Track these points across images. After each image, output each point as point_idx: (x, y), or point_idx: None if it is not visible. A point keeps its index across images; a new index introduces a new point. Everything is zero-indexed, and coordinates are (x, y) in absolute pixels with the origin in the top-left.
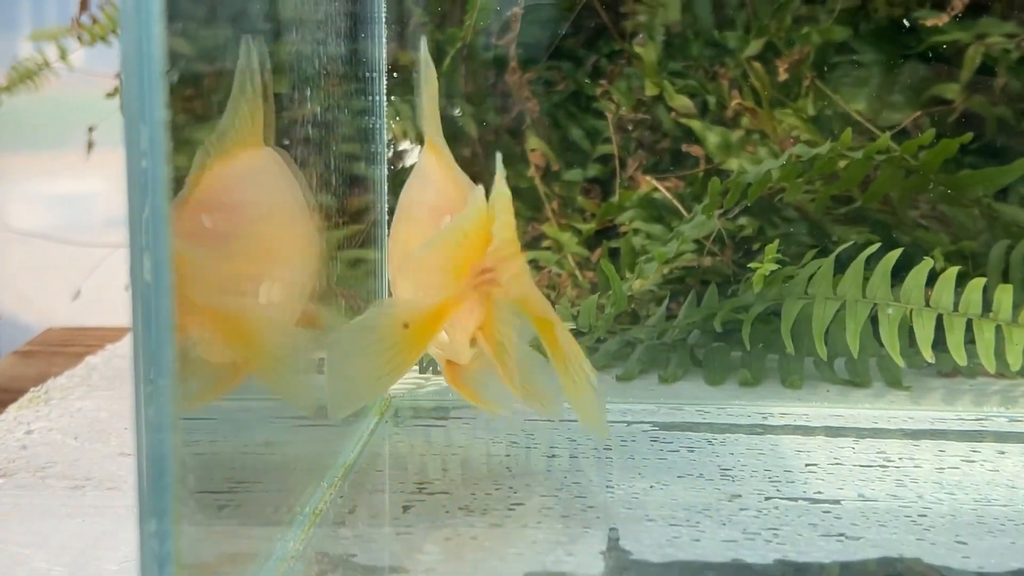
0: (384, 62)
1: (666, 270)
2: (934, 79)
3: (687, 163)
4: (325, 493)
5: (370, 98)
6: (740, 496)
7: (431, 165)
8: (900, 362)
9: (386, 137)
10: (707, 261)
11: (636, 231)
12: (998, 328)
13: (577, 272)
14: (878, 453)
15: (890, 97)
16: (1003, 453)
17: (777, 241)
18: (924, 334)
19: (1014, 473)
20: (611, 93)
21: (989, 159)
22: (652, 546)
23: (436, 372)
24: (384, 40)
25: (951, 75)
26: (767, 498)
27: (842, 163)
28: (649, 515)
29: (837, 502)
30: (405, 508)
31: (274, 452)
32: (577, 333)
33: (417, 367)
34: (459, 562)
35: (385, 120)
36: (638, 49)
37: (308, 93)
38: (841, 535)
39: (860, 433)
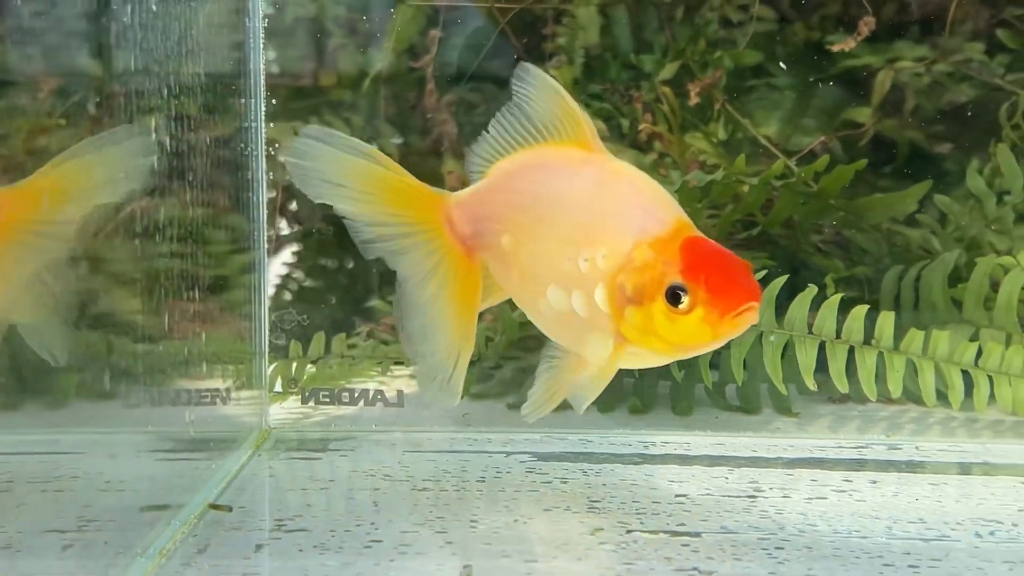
0: (262, 86)
1: None
2: (846, 103)
3: None
4: (177, 532)
5: (246, 123)
6: (602, 529)
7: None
8: (783, 389)
9: (264, 164)
10: None
11: None
12: (880, 355)
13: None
14: (750, 483)
15: (802, 121)
16: (875, 483)
17: None
18: (806, 361)
19: (880, 504)
20: None
21: (902, 182)
22: None
23: (319, 402)
24: (261, 63)
25: (863, 99)
26: (628, 531)
27: (745, 188)
28: (506, 551)
29: (698, 535)
30: (258, 547)
31: (125, 488)
32: None
33: (299, 397)
34: None
35: (263, 146)
36: (554, 72)
37: (162, 119)
38: (695, 569)
39: (738, 462)
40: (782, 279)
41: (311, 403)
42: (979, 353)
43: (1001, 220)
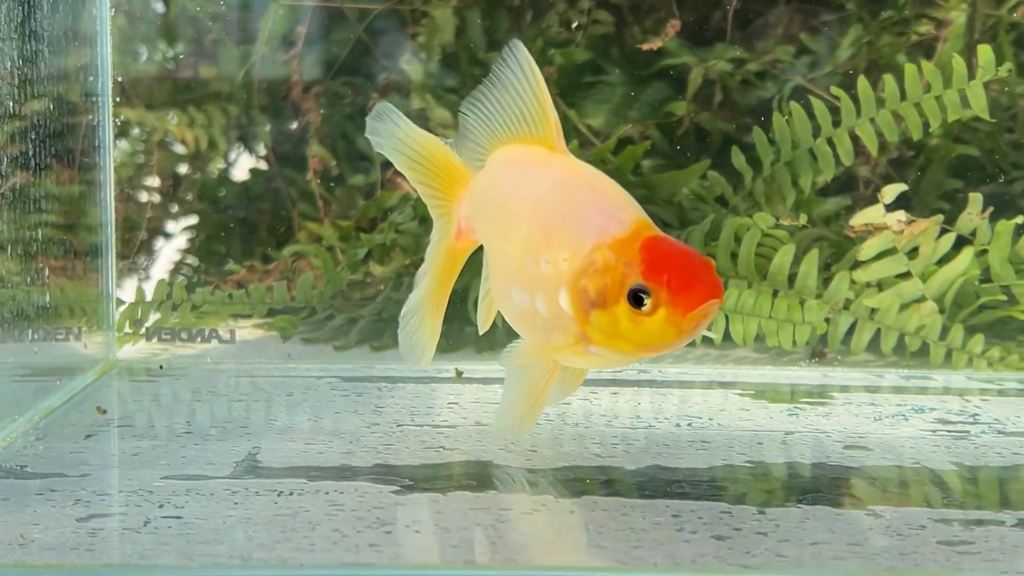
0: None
1: (407, 260)
2: (669, 97)
3: None
4: (20, 426)
5: (91, 116)
6: (377, 424)
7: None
8: None
9: (111, 156)
10: None
11: (394, 227)
12: None
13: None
14: None
15: (627, 113)
16: (615, 393)
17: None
18: None
19: (608, 407)
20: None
21: (715, 167)
22: (282, 457)
23: (161, 340)
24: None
25: (681, 93)
26: (399, 425)
27: None
28: (292, 437)
29: (455, 427)
30: (87, 436)
31: None
32: (295, 309)
33: (144, 336)
34: (114, 469)
35: (110, 138)
36: (406, 66)
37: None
38: (441, 447)
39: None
40: None
41: (154, 340)
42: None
43: (753, 191)
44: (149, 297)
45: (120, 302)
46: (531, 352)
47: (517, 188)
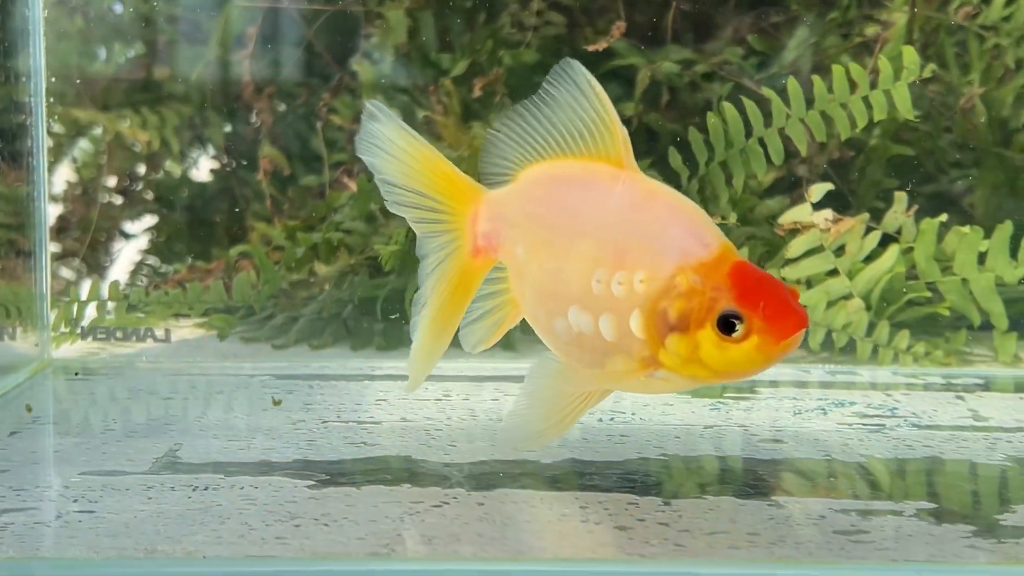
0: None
1: (353, 260)
2: (618, 98)
3: None
4: None
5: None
6: (303, 421)
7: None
8: None
9: (44, 157)
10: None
11: (340, 227)
12: None
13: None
14: (444, 393)
15: None
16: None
17: (403, 229)
18: None
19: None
20: (334, 107)
21: (663, 169)
22: (202, 454)
23: (96, 339)
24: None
25: (628, 94)
26: (324, 422)
27: None
28: (216, 435)
29: (379, 423)
30: (12, 433)
31: None
32: (233, 308)
33: (80, 335)
34: (35, 466)
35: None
36: (356, 67)
37: None
38: (363, 443)
39: (440, 380)
40: None
41: (90, 339)
42: None
43: (689, 190)
44: (84, 296)
45: (56, 302)
46: (588, 378)
47: (579, 205)
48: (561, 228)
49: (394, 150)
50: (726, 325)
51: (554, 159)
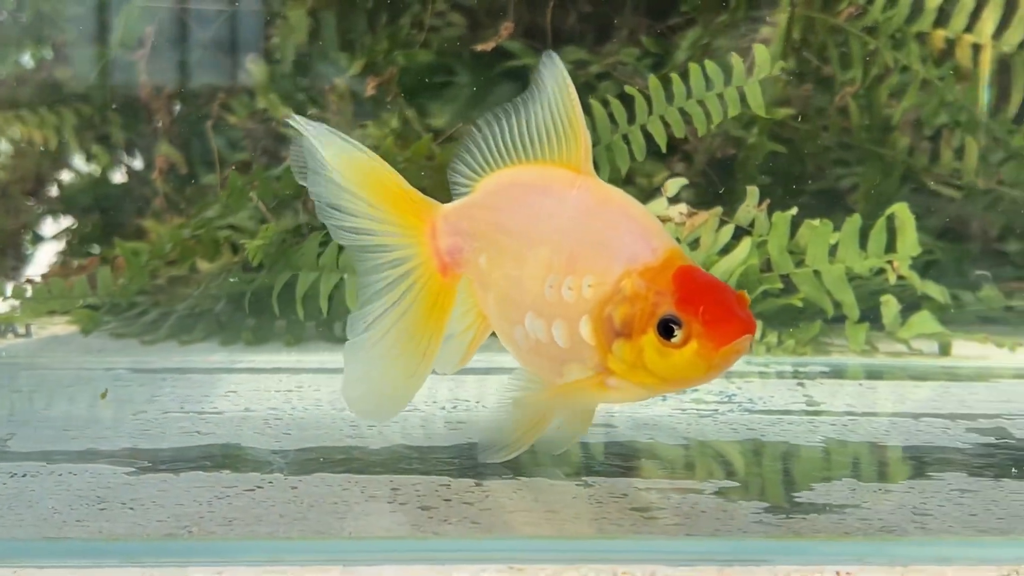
0: None
1: (237, 257)
2: (512, 97)
3: None
4: None
5: None
6: (145, 412)
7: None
8: None
9: None
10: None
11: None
12: None
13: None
14: (296, 385)
15: (471, 112)
16: None
17: (272, 224)
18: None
19: None
20: (229, 105)
21: None
22: (32, 443)
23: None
24: None
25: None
26: (165, 413)
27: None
28: (52, 426)
29: (221, 413)
30: None
31: None
32: (100, 304)
33: None
34: None
35: None
36: (251, 67)
37: None
38: (197, 431)
39: (296, 372)
40: None
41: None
42: None
43: None
44: None
45: None
46: (545, 394)
47: (537, 211)
48: (520, 234)
49: (331, 168)
50: (666, 330)
51: (512, 166)
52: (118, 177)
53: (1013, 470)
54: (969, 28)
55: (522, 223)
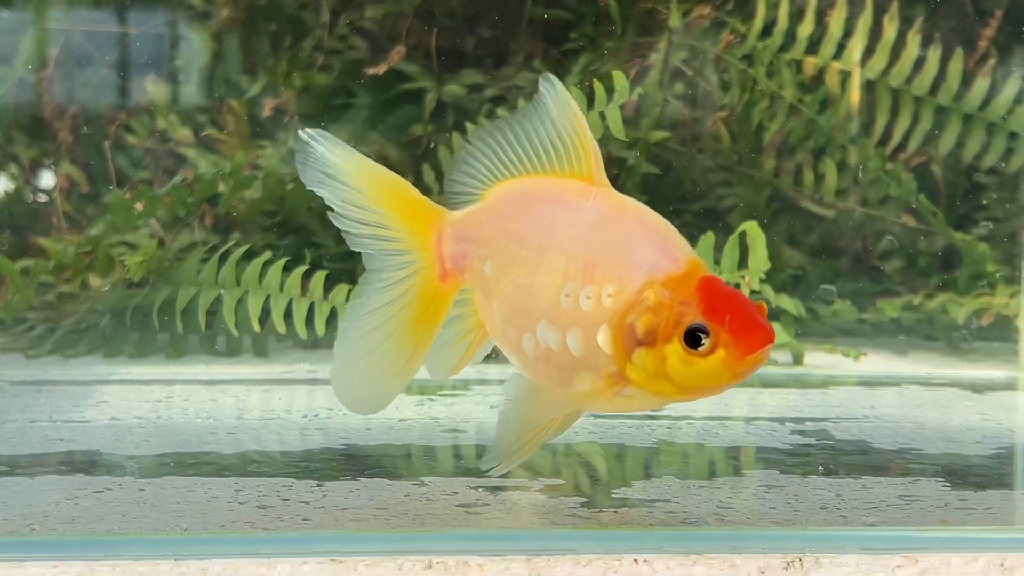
0: None
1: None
2: (410, 120)
3: None
4: None
5: None
6: (14, 422)
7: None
8: (235, 332)
9: None
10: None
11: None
12: (311, 304)
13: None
14: (167, 396)
15: (368, 134)
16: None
17: (154, 241)
18: (254, 310)
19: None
20: (130, 125)
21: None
22: None
23: None
24: None
25: (419, 115)
26: (33, 422)
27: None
28: None
29: (87, 422)
30: None
31: None
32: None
33: None
34: None
35: None
36: (151, 87)
37: None
38: (60, 439)
39: (169, 383)
40: (242, 248)
41: None
42: None
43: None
44: None
45: None
46: (556, 399)
47: (551, 219)
48: (533, 243)
49: (343, 176)
50: (692, 339)
51: (523, 176)
52: (22, 195)
53: (820, 468)
54: (837, 55)
55: (536, 232)
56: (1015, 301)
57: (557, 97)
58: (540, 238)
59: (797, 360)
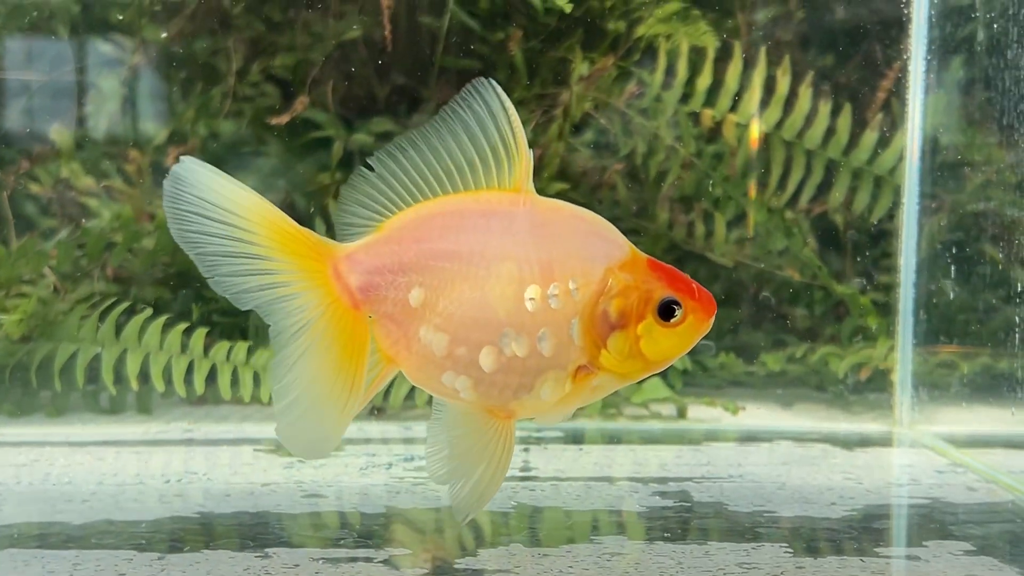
0: None
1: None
2: (321, 167)
3: None
4: None
5: None
6: None
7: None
8: (112, 391)
9: None
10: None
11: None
12: (191, 361)
13: None
14: (33, 459)
15: (276, 181)
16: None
17: (32, 297)
18: (132, 368)
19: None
20: (34, 174)
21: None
22: None
23: None
24: None
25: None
26: None
27: None
28: None
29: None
30: None
31: None
32: None
33: None
34: None
35: None
36: (54, 136)
37: None
38: None
39: (37, 446)
40: (123, 306)
41: None
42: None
43: None
44: None
45: None
46: (503, 427)
47: (485, 231)
48: (472, 256)
49: (225, 211)
50: (667, 311)
51: (428, 201)
52: None
53: (665, 534)
54: (734, 108)
55: (471, 245)
56: (892, 355)
57: (494, 101)
58: (479, 250)
59: (681, 414)
